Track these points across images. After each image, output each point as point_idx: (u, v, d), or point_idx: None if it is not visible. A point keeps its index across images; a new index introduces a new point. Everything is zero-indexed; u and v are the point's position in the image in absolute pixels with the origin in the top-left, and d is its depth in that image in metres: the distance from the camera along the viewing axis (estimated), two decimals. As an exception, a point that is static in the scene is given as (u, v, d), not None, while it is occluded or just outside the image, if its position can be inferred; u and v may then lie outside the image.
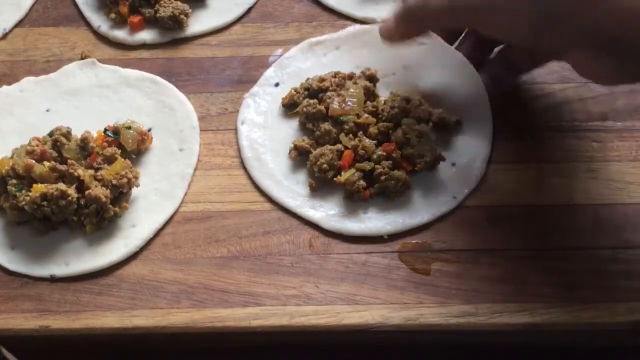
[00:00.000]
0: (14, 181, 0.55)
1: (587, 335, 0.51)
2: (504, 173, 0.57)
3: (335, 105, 0.57)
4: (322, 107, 0.58)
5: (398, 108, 0.57)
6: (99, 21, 0.69)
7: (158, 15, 0.67)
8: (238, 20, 0.69)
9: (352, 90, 0.58)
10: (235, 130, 0.61)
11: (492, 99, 0.59)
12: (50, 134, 0.57)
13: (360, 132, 0.57)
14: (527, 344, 0.53)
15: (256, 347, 0.55)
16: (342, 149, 0.56)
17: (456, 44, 0.60)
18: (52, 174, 0.55)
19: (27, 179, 0.55)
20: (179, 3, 0.67)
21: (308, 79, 0.61)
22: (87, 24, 0.69)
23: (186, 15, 0.67)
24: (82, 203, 0.54)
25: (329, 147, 0.56)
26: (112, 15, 0.68)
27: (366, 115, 0.57)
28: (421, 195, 0.55)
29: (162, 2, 0.67)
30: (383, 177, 0.54)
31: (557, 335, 0.51)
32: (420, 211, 0.54)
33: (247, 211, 0.56)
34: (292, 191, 0.56)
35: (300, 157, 0.57)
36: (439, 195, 0.55)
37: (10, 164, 0.55)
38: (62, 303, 0.52)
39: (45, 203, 0.53)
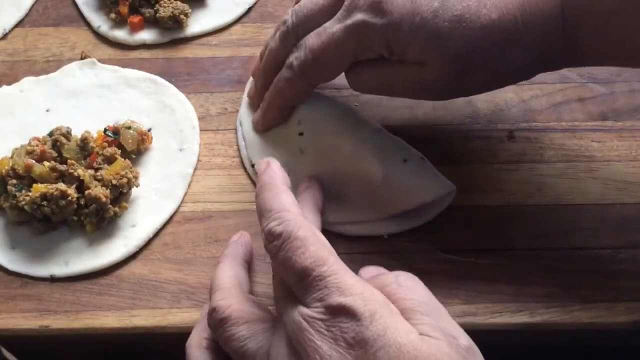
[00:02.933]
0: (14, 181, 0.55)
1: (587, 335, 0.51)
2: (504, 173, 0.57)
3: None
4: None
5: None
6: (99, 21, 0.69)
7: (158, 15, 0.67)
8: (238, 20, 0.69)
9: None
10: (235, 130, 0.61)
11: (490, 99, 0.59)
12: (50, 134, 0.57)
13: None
14: (527, 343, 0.53)
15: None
16: None
17: None
18: (52, 174, 0.55)
19: (27, 179, 0.55)
20: (179, 3, 0.67)
21: None
22: (87, 24, 0.69)
23: (186, 15, 0.67)
24: (82, 203, 0.54)
25: None
26: (112, 15, 0.68)
27: None
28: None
29: (162, 2, 0.67)
30: None
31: (557, 335, 0.51)
32: (420, 211, 0.54)
33: (247, 211, 0.56)
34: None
35: None
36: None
37: (10, 164, 0.55)
38: (62, 303, 0.52)
39: (45, 203, 0.53)
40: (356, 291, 0.38)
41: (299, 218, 0.41)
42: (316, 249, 0.40)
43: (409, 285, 0.41)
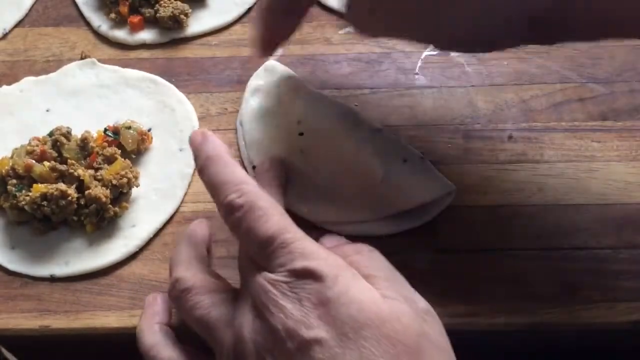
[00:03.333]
0: (14, 181, 0.55)
1: (587, 335, 0.51)
2: (504, 173, 0.57)
3: None
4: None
5: None
6: (99, 21, 0.69)
7: (158, 15, 0.67)
8: (238, 20, 0.69)
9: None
10: (235, 130, 0.61)
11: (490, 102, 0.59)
12: (50, 134, 0.57)
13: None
14: (527, 344, 0.53)
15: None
16: None
17: None
18: (52, 174, 0.55)
19: (27, 179, 0.55)
20: (179, 3, 0.67)
21: None
22: (87, 24, 0.69)
23: (186, 15, 0.67)
24: (82, 203, 0.54)
25: None
26: (112, 15, 0.68)
27: None
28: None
29: (162, 2, 0.67)
30: None
31: (557, 335, 0.51)
32: (419, 211, 0.54)
33: (247, 211, 0.56)
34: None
35: None
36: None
37: (10, 164, 0.55)
38: (62, 303, 0.52)
39: (45, 203, 0.53)
40: (320, 256, 0.39)
41: (257, 189, 0.42)
42: (279, 217, 0.40)
43: (367, 255, 0.43)
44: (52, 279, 0.53)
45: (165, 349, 0.45)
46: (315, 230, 0.55)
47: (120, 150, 0.57)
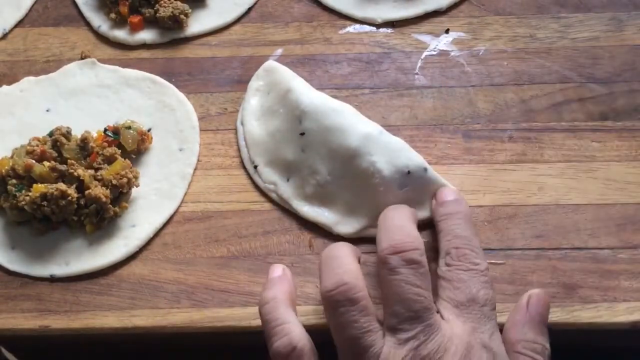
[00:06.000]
0: (14, 181, 0.55)
1: (587, 335, 0.51)
2: (504, 173, 0.57)
3: None
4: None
5: None
6: (99, 21, 0.69)
7: (158, 15, 0.67)
8: (238, 20, 0.69)
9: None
10: (235, 130, 0.61)
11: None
12: (50, 134, 0.57)
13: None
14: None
15: (256, 347, 0.55)
16: None
17: None
18: (52, 174, 0.55)
19: (27, 179, 0.55)
20: (179, 3, 0.67)
21: None
22: (87, 24, 0.69)
23: (186, 15, 0.67)
24: (82, 203, 0.54)
25: None
26: (112, 15, 0.68)
27: None
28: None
29: (162, 2, 0.67)
30: None
31: (557, 335, 0.51)
32: (419, 211, 0.54)
33: (247, 211, 0.56)
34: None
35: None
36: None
37: (10, 164, 0.55)
38: (62, 303, 0.52)
39: (45, 203, 0.53)
40: None
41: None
42: None
43: None
44: (52, 279, 0.53)
45: (299, 329, 0.45)
46: (313, 229, 0.55)
47: (120, 150, 0.57)
